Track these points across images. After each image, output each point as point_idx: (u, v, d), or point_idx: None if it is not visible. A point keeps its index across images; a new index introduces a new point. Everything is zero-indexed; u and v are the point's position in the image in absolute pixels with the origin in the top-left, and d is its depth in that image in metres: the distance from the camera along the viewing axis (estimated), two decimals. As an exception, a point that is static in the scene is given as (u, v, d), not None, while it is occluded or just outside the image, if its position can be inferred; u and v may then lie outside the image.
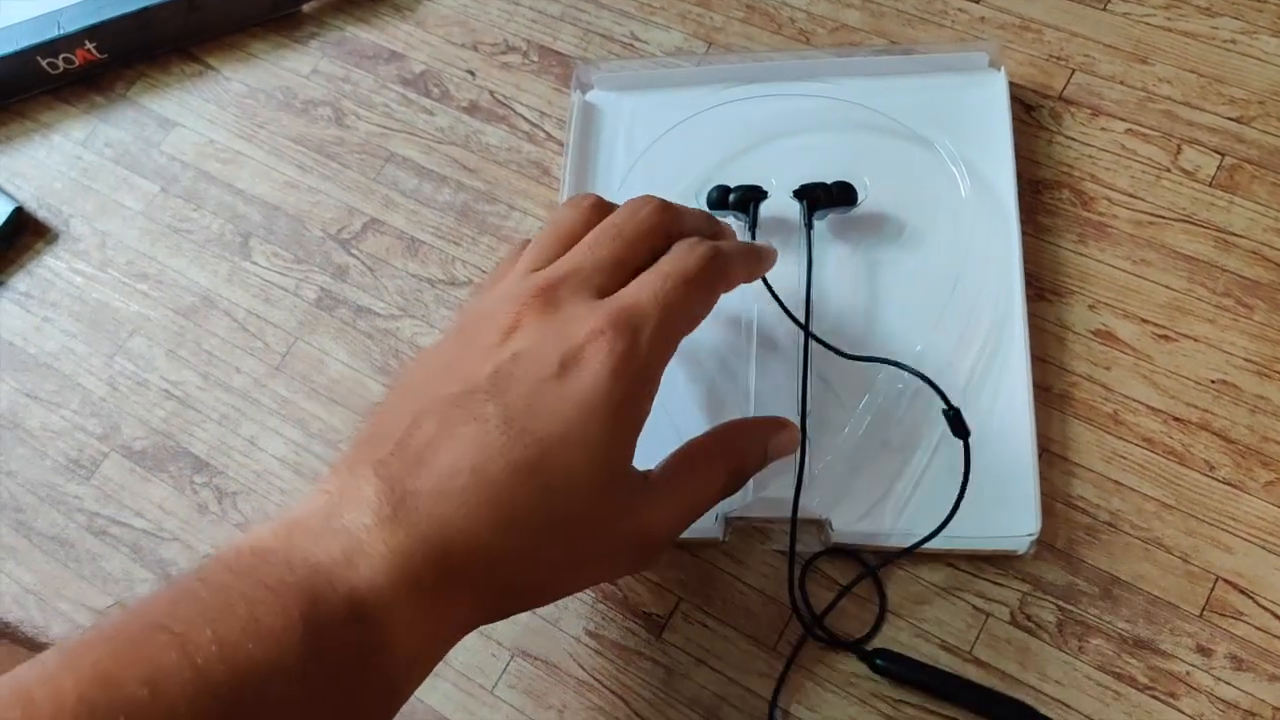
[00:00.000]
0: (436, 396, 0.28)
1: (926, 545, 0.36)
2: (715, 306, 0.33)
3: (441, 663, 0.38)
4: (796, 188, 0.41)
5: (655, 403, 0.30)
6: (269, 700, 0.22)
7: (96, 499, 0.44)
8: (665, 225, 0.32)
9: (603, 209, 0.33)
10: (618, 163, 0.46)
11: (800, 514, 0.36)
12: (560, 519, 0.27)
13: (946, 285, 0.40)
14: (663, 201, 0.33)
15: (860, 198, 0.41)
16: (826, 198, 0.41)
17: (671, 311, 0.30)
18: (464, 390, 0.28)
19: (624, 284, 0.30)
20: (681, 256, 0.31)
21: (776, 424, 0.35)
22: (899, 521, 0.37)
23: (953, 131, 0.43)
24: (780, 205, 0.42)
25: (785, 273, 0.38)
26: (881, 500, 0.37)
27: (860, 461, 0.38)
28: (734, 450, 0.34)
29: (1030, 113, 0.44)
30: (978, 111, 0.43)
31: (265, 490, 0.43)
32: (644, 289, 0.30)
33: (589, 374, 0.27)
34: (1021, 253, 0.40)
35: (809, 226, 0.40)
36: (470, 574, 0.26)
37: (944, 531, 0.35)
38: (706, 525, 0.38)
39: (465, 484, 0.26)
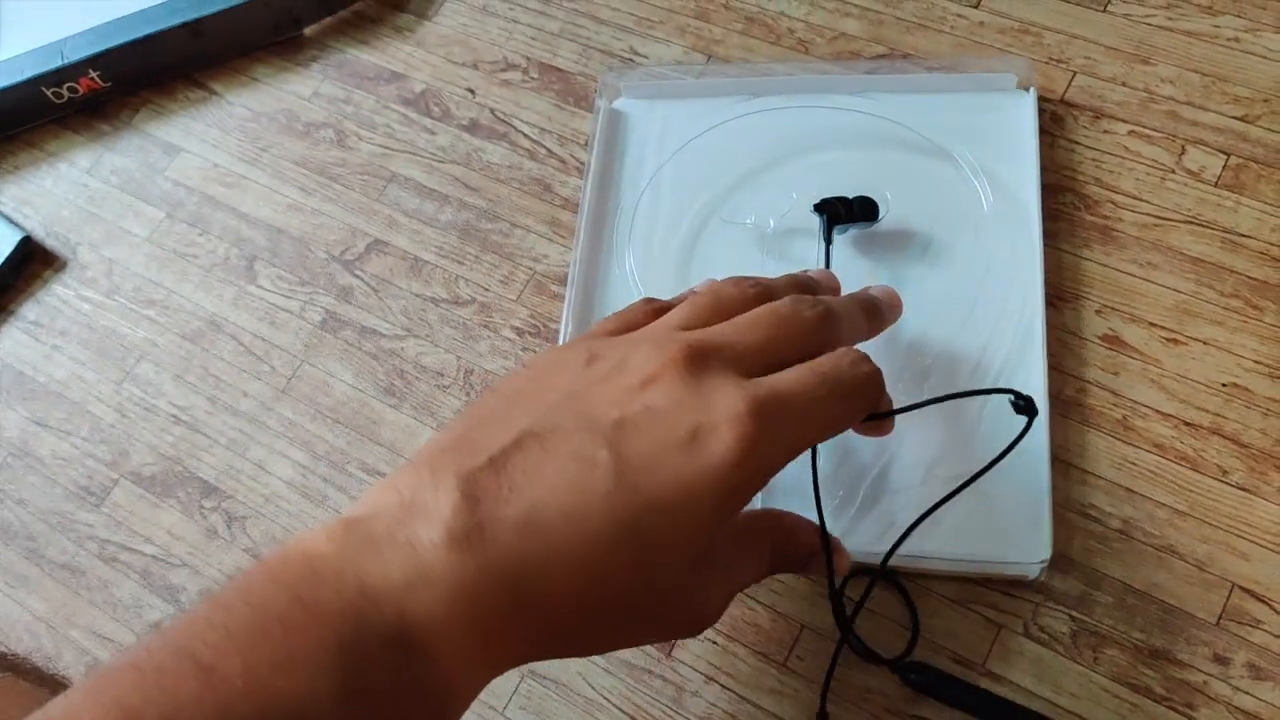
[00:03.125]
0: (549, 422, 0.26)
1: (930, 565, 0.36)
2: None
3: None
4: (817, 201, 0.41)
5: None
6: None
7: (107, 526, 0.44)
8: (826, 332, 0.31)
9: (766, 297, 0.32)
10: (645, 168, 0.45)
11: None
12: (644, 586, 0.26)
13: (967, 303, 0.40)
14: (829, 310, 0.31)
15: (882, 213, 0.41)
16: (847, 212, 0.40)
17: (815, 417, 0.28)
18: (582, 426, 0.26)
19: (769, 374, 0.29)
20: (842, 365, 0.29)
21: (831, 544, 0.33)
22: (907, 539, 0.36)
23: (979, 150, 0.42)
24: (800, 219, 0.42)
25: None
26: (891, 517, 0.37)
27: (873, 478, 0.37)
28: (782, 539, 0.32)
29: (1032, 117, 0.44)
30: (1005, 132, 0.42)
31: (274, 514, 0.43)
32: (797, 384, 0.28)
33: (717, 452, 0.26)
34: (1044, 272, 0.39)
35: (828, 241, 0.40)
36: (535, 618, 0.25)
37: (952, 553, 0.35)
38: None
39: (555, 524, 0.24)
